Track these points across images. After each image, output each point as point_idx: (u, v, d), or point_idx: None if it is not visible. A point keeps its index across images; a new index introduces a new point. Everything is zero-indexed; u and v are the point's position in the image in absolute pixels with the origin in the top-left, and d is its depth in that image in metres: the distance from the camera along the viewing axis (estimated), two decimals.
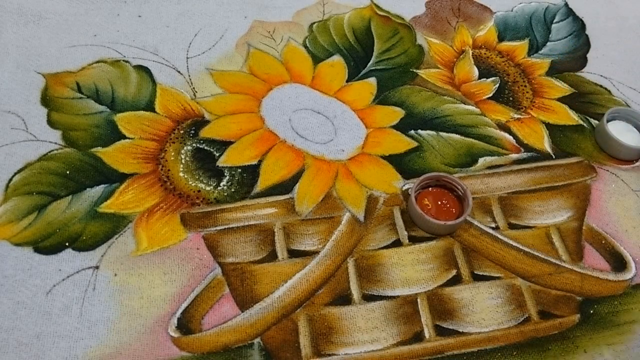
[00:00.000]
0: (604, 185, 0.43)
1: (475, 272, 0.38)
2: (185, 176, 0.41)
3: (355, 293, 0.37)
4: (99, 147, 0.42)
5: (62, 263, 0.37)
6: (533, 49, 0.52)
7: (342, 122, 0.45)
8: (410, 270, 0.38)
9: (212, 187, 0.41)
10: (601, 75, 0.50)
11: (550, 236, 0.40)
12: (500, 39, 0.53)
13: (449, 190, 0.41)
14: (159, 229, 0.38)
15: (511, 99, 0.48)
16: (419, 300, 0.37)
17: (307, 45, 0.50)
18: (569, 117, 0.47)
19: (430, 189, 0.41)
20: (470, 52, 0.51)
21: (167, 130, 0.44)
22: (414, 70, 0.49)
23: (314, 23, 0.52)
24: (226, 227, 0.39)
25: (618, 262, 0.39)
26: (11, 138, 0.42)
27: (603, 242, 0.40)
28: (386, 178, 0.42)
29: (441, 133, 0.45)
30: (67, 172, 0.41)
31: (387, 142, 0.44)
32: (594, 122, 0.47)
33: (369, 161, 0.43)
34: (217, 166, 0.42)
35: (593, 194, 0.42)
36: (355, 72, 0.49)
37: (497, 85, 0.49)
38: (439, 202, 0.40)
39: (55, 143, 0.42)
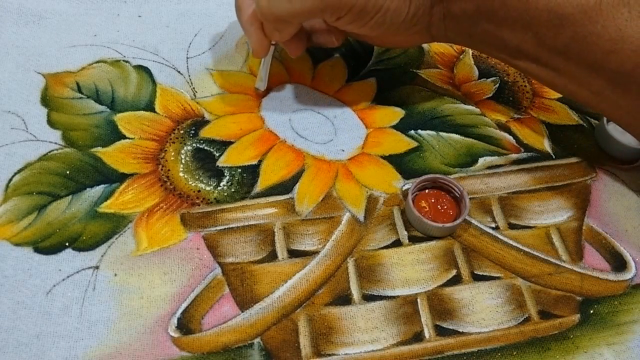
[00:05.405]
0: (604, 185, 0.43)
1: (475, 272, 0.38)
2: (185, 176, 0.41)
3: (355, 293, 0.37)
4: (99, 147, 0.42)
5: (62, 263, 0.37)
6: None
7: (342, 122, 0.45)
8: (410, 270, 0.38)
9: (212, 187, 0.41)
10: None
11: (550, 236, 0.40)
12: None
13: (446, 192, 0.41)
14: (159, 229, 0.38)
15: (511, 99, 0.48)
16: (419, 300, 0.37)
17: None
18: (569, 117, 0.47)
19: (427, 190, 0.41)
20: (471, 52, 0.51)
21: (167, 130, 0.44)
22: (414, 70, 0.49)
23: None
24: (226, 227, 0.39)
25: (618, 262, 0.39)
26: (11, 138, 0.42)
27: (603, 242, 0.40)
28: (386, 178, 0.42)
29: (441, 133, 0.45)
30: (67, 172, 0.41)
31: (387, 142, 0.44)
32: (594, 122, 0.47)
33: (369, 161, 0.43)
34: (217, 166, 0.42)
35: (593, 194, 0.42)
36: (355, 72, 0.49)
37: (497, 85, 0.49)
38: (437, 204, 0.40)
39: (55, 143, 0.42)
